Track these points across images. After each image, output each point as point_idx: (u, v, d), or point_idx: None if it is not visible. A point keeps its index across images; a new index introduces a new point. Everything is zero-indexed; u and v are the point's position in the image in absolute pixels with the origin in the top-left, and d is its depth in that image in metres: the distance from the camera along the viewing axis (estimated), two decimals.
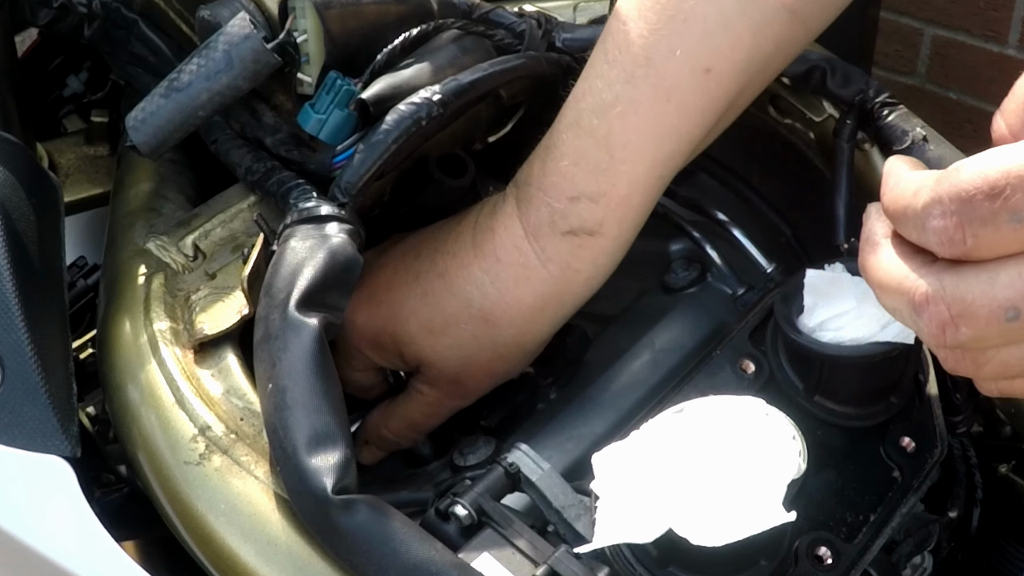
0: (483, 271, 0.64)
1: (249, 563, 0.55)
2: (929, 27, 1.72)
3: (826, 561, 0.57)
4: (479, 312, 0.64)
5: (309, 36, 0.66)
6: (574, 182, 0.62)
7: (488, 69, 0.66)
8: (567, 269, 0.63)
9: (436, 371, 0.67)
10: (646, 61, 0.60)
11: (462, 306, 0.64)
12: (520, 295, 0.64)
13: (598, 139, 0.61)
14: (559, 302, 0.65)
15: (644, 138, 0.61)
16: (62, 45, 0.91)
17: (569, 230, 0.62)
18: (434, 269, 0.65)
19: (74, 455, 0.59)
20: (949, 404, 0.68)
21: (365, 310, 0.66)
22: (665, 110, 0.61)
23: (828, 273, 0.64)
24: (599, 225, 0.62)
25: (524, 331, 0.65)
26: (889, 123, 0.71)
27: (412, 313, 0.65)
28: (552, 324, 0.66)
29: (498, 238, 0.64)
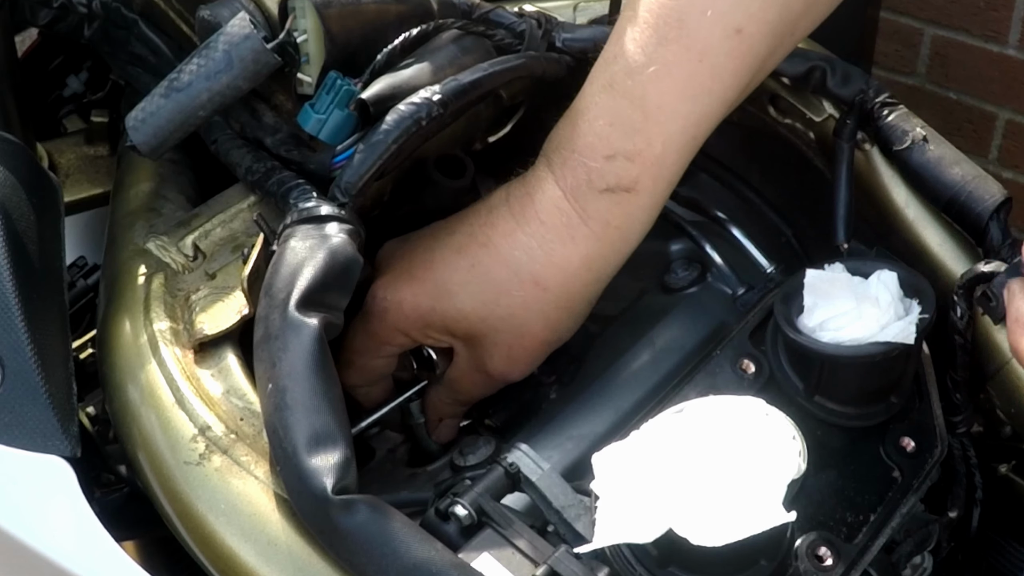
0: (528, 235, 0.64)
1: (249, 563, 0.55)
2: (929, 27, 1.72)
3: (826, 561, 0.57)
4: (529, 276, 0.64)
5: (309, 36, 0.66)
6: (610, 141, 0.63)
7: (488, 69, 0.66)
8: (608, 226, 0.64)
9: (488, 344, 0.67)
10: (678, 23, 0.61)
11: (511, 273, 0.65)
12: (567, 254, 0.64)
13: (633, 100, 0.62)
14: (603, 260, 0.65)
15: (678, 99, 0.62)
16: (62, 45, 0.91)
17: (607, 187, 0.63)
18: (475, 241, 0.65)
19: (74, 455, 0.59)
20: (949, 404, 0.68)
21: (408, 290, 0.66)
22: (698, 71, 0.62)
23: (828, 273, 0.64)
24: (635, 182, 0.63)
25: (573, 292, 0.66)
26: (889, 123, 0.71)
27: (461, 286, 0.65)
28: (597, 284, 0.66)
29: (537, 203, 0.64)
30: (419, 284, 0.66)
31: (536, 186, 0.65)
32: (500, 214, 0.65)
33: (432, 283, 0.66)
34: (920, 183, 0.71)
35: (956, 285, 0.67)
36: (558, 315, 0.66)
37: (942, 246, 0.70)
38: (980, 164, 0.72)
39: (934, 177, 0.70)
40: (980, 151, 1.75)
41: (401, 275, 0.66)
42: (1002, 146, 1.74)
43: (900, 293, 0.63)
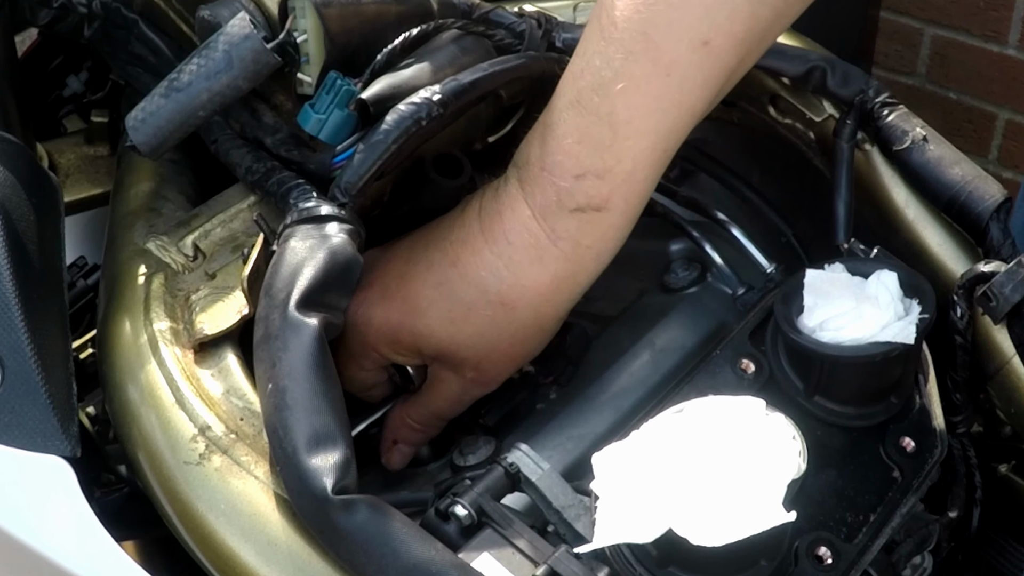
0: (495, 255, 0.64)
1: (249, 563, 0.55)
2: (929, 27, 1.72)
3: (826, 561, 0.57)
4: (496, 297, 0.64)
5: (309, 36, 0.66)
6: (579, 160, 0.62)
7: (488, 69, 0.66)
8: (578, 246, 0.63)
9: (458, 361, 0.66)
10: (644, 37, 0.60)
11: (479, 293, 0.64)
12: (535, 276, 0.64)
13: (600, 117, 0.61)
14: (573, 280, 0.65)
15: (646, 114, 0.61)
16: (62, 45, 0.91)
17: (576, 207, 0.62)
18: (446, 259, 0.65)
19: (74, 455, 0.59)
20: (949, 404, 0.68)
21: (380, 306, 0.65)
22: (666, 85, 0.61)
23: (828, 273, 0.64)
24: (606, 201, 0.62)
25: (542, 312, 0.65)
26: (889, 123, 0.72)
27: (430, 304, 0.65)
28: (568, 303, 0.66)
29: (507, 221, 0.64)
30: (390, 301, 0.65)
31: (506, 203, 0.64)
32: (471, 231, 0.65)
33: (402, 300, 0.65)
34: (920, 183, 0.71)
35: (956, 285, 0.67)
36: (526, 333, 0.66)
37: (942, 246, 0.70)
38: (980, 164, 0.72)
39: (934, 177, 0.70)
40: (980, 151, 1.75)
41: (375, 290, 0.66)
42: (1002, 146, 1.74)
43: (900, 293, 0.63)
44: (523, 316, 0.65)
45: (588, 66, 0.61)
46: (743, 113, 0.79)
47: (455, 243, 0.65)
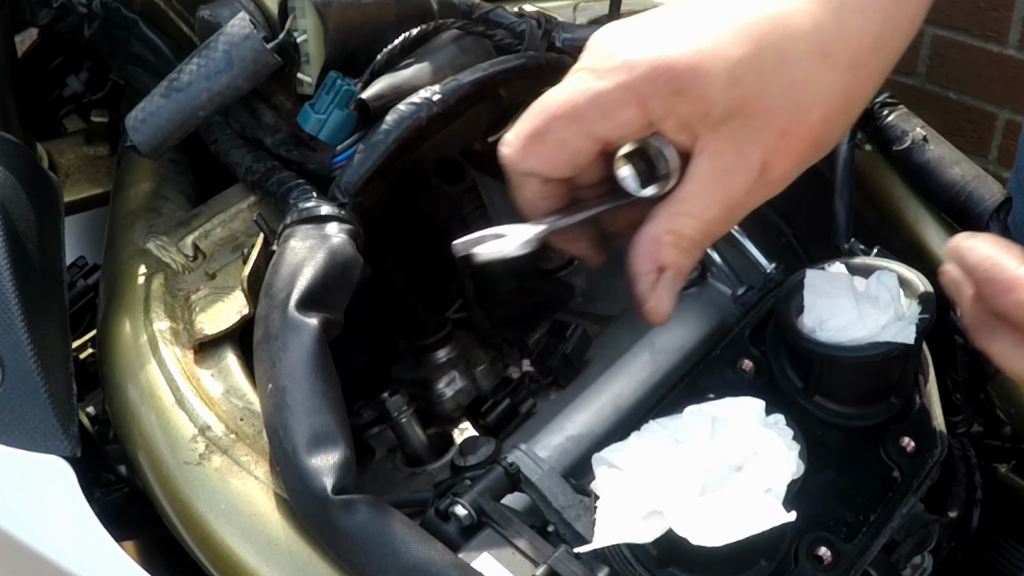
0: (818, 3, 0.55)
1: (249, 563, 0.55)
2: (929, 27, 1.72)
3: (826, 561, 0.57)
4: (818, 47, 0.55)
5: (309, 36, 0.66)
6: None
7: (488, 69, 0.66)
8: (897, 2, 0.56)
9: (758, 125, 0.55)
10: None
11: (796, 39, 0.54)
12: (861, 28, 0.55)
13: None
14: (889, 49, 0.57)
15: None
16: (62, 45, 0.91)
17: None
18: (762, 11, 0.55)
19: (74, 455, 0.59)
20: (949, 404, 0.68)
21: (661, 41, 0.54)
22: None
23: (828, 273, 0.64)
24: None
25: (860, 77, 0.56)
26: (889, 123, 0.72)
27: (732, 46, 0.53)
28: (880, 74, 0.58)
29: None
30: (677, 37, 0.54)
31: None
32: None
33: (696, 38, 0.54)
34: (920, 183, 0.71)
35: None
36: (841, 102, 0.56)
37: (942, 246, 0.70)
38: (980, 164, 0.72)
39: (934, 177, 0.70)
40: (980, 151, 1.75)
41: (647, 27, 0.55)
42: (1002, 146, 1.74)
43: (900, 293, 0.63)
44: (841, 75, 0.55)
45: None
46: None
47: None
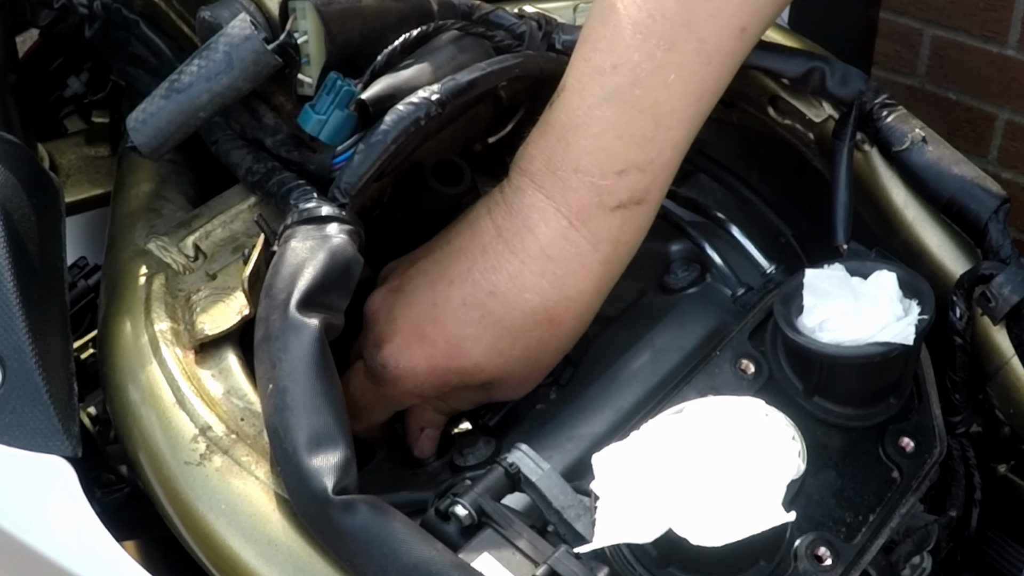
0: (537, 275, 0.62)
1: (249, 563, 0.55)
2: (929, 27, 1.72)
3: (825, 561, 0.57)
4: (544, 316, 0.63)
5: (310, 37, 0.66)
6: (622, 155, 0.61)
7: (486, 68, 0.66)
8: (617, 244, 0.63)
9: (503, 382, 0.66)
10: (687, 27, 0.60)
11: (526, 316, 0.63)
12: (581, 287, 0.63)
13: (643, 110, 0.61)
14: (612, 279, 0.65)
15: (688, 103, 0.62)
16: (63, 46, 0.91)
17: (618, 204, 0.62)
18: (480, 290, 0.63)
19: (75, 455, 0.59)
20: (948, 404, 0.68)
21: (420, 353, 0.64)
22: (707, 73, 0.62)
23: (828, 273, 0.65)
24: (646, 193, 0.63)
25: (585, 319, 0.65)
26: (888, 124, 0.72)
27: (475, 341, 0.63)
28: (602, 300, 0.66)
29: (542, 237, 0.62)
30: (431, 345, 0.64)
31: (533, 217, 0.62)
32: (499, 254, 0.63)
33: (444, 342, 0.64)
34: (919, 184, 0.71)
35: (955, 286, 0.67)
36: (570, 340, 0.66)
37: (941, 247, 0.71)
38: (979, 164, 0.72)
39: (933, 178, 0.70)
40: (979, 151, 1.75)
41: (409, 339, 0.64)
42: (1001, 146, 1.74)
43: (899, 294, 0.64)
44: (568, 327, 0.64)
45: (623, 61, 0.61)
46: (743, 114, 0.79)
47: (486, 271, 0.63)
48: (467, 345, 0.64)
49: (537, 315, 0.63)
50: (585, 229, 0.62)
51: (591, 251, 0.63)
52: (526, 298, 0.63)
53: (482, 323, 0.63)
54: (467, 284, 0.64)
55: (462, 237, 0.65)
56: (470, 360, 0.64)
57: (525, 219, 0.63)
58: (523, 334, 0.63)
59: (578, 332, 0.66)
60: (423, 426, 0.70)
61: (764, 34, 0.67)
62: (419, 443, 0.70)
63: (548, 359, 0.66)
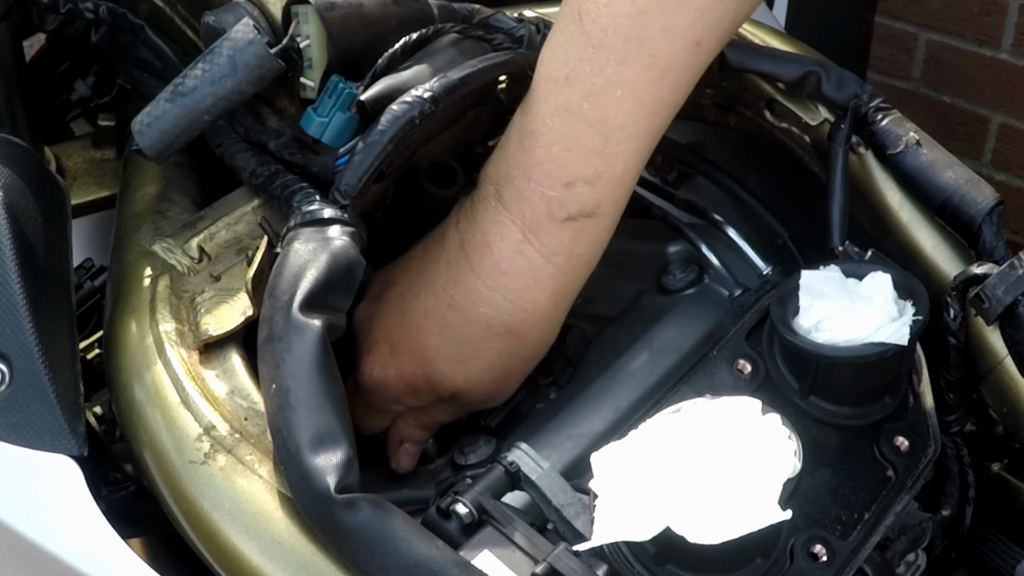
0: (492, 289, 0.63)
1: (253, 561, 0.56)
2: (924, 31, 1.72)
3: (821, 559, 0.58)
4: (501, 328, 0.64)
5: (312, 41, 0.66)
6: (568, 168, 0.61)
7: (477, 65, 0.66)
8: (571, 256, 0.63)
9: (472, 393, 0.67)
10: (638, 42, 0.59)
11: (482, 329, 0.64)
12: (535, 299, 0.63)
13: (591, 123, 0.60)
14: (569, 290, 0.65)
15: (639, 118, 0.61)
16: (69, 50, 0.91)
17: (568, 216, 0.61)
18: (440, 303, 0.65)
19: (81, 454, 0.60)
20: (943, 404, 0.69)
21: (392, 365, 0.66)
22: (660, 87, 0.61)
23: (823, 274, 0.65)
24: (597, 206, 0.62)
25: (546, 329, 0.66)
26: (883, 127, 0.72)
27: (436, 352, 0.65)
28: (566, 310, 0.66)
29: (496, 251, 0.63)
30: (400, 357, 0.66)
31: (492, 231, 0.63)
32: (460, 268, 0.64)
33: (411, 353, 0.65)
34: (914, 186, 0.71)
35: (949, 287, 0.68)
36: (534, 352, 0.67)
37: (936, 248, 0.71)
38: (974, 167, 0.73)
39: (927, 180, 0.71)
40: (974, 154, 1.75)
41: (383, 350, 0.66)
42: (995, 149, 1.75)
43: (894, 295, 0.64)
44: (528, 339, 0.65)
45: (576, 73, 0.60)
46: (740, 117, 0.80)
47: (447, 285, 0.64)
48: (430, 355, 0.65)
49: (494, 328, 0.64)
50: (537, 241, 0.62)
51: (544, 264, 0.62)
52: (482, 312, 0.63)
53: (443, 335, 0.64)
54: (430, 296, 0.65)
55: (433, 248, 0.67)
56: (435, 370, 0.65)
57: (485, 233, 0.63)
58: (482, 346, 0.64)
59: (543, 342, 0.66)
60: (401, 439, 0.71)
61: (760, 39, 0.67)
62: (396, 456, 0.71)
63: (515, 369, 0.67)
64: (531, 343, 0.66)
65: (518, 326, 0.64)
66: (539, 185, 0.62)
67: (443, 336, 0.65)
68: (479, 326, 0.64)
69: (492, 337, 0.64)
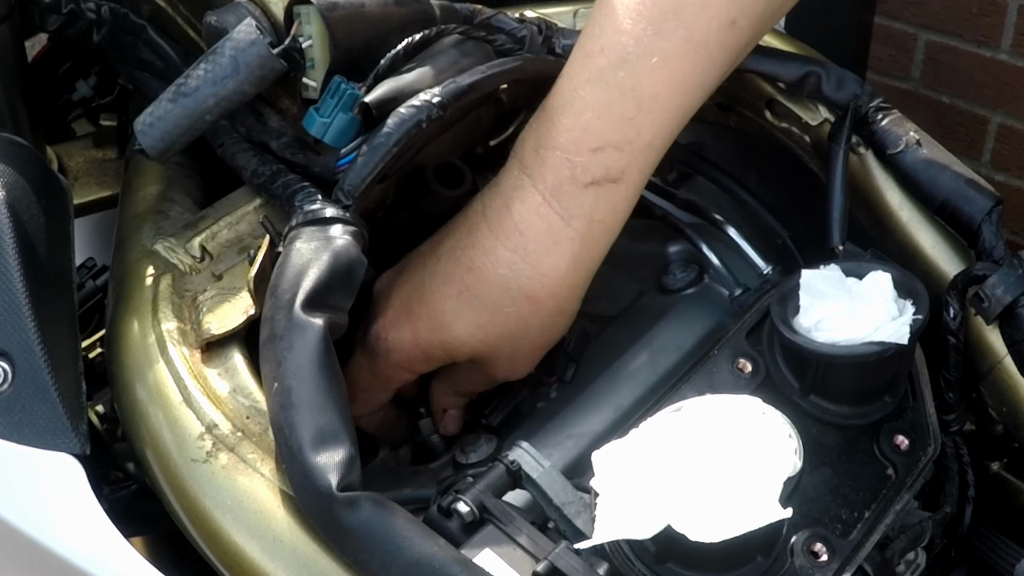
0: (510, 250, 0.63)
1: (255, 559, 0.56)
2: (923, 32, 1.72)
3: (821, 557, 0.58)
4: (519, 292, 0.64)
5: (314, 41, 0.66)
6: (599, 133, 0.62)
7: (486, 71, 0.67)
8: (591, 222, 0.63)
9: (491, 359, 0.67)
10: (675, 15, 0.61)
11: (501, 292, 0.64)
12: (553, 262, 0.63)
13: (624, 91, 0.62)
14: (589, 257, 0.65)
15: (671, 89, 0.62)
16: (71, 50, 0.91)
17: (592, 181, 0.62)
18: (460, 266, 0.65)
19: (83, 453, 0.60)
20: (942, 403, 0.69)
21: (407, 328, 0.66)
22: (693, 62, 0.62)
23: (824, 273, 0.65)
24: (622, 172, 0.63)
25: (564, 296, 0.65)
26: (883, 127, 0.72)
27: (455, 316, 0.65)
28: (587, 280, 0.66)
29: (515, 213, 0.63)
30: (416, 320, 0.66)
31: (512, 195, 0.64)
32: (480, 232, 0.64)
33: (427, 317, 0.65)
34: (913, 186, 0.72)
35: (949, 286, 0.68)
36: (552, 321, 0.66)
37: (935, 248, 0.71)
38: (973, 167, 0.73)
39: (927, 180, 0.71)
40: (973, 154, 1.75)
41: (400, 313, 0.66)
42: (994, 149, 1.75)
43: (894, 294, 0.64)
44: (547, 305, 0.65)
45: (611, 44, 0.62)
46: (740, 117, 0.80)
47: (467, 248, 0.65)
48: (448, 319, 0.65)
49: (512, 291, 0.64)
50: (558, 204, 0.63)
51: (563, 227, 0.63)
52: (500, 273, 0.64)
53: (461, 298, 0.64)
54: (450, 261, 0.65)
55: (457, 219, 0.67)
56: (452, 335, 0.65)
57: (506, 198, 0.64)
58: (500, 310, 0.64)
59: (562, 312, 0.66)
60: (444, 407, 0.71)
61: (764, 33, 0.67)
62: (444, 423, 0.71)
63: (533, 338, 0.66)
64: (549, 310, 0.65)
65: (536, 290, 0.64)
66: (564, 152, 0.62)
67: (461, 300, 0.64)
68: (497, 289, 0.64)
69: (510, 301, 0.64)
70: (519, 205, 0.63)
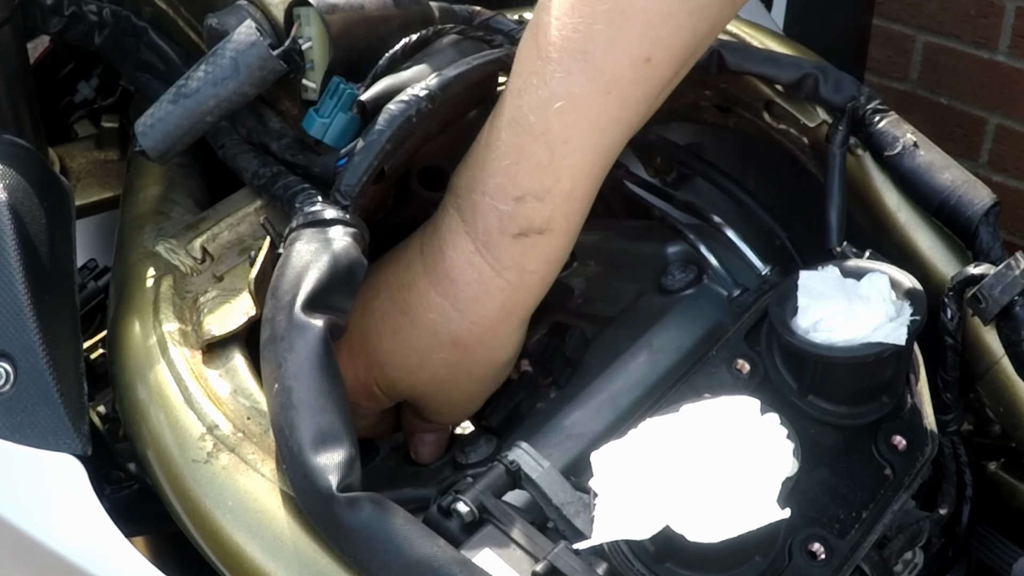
0: (441, 296, 0.63)
1: (255, 559, 0.56)
2: (921, 34, 1.73)
3: (819, 557, 0.58)
4: (448, 338, 0.63)
5: (314, 43, 0.66)
6: (517, 181, 0.60)
7: (472, 62, 0.66)
8: (523, 272, 0.62)
9: (423, 404, 0.67)
10: (583, 55, 0.58)
11: (430, 337, 0.64)
12: (483, 311, 0.63)
13: (536, 136, 0.59)
14: (521, 307, 0.64)
15: (585, 132, 0.60)
16: (73, 52, 0.91)
17: (519, 232, 0.61)
18: (395, 306, 0.64)
19: (85, 453, 0.60)
20: (940, 403, 0.69)
21: (351, 365, 0.65)
22: (606, 103, 0.59)
23: (822, 274, 0.65)
24: (548, 222, 0.61)
25: (494, 346, 0.65)
26: (880, 129, 0.73)
27: (388, 356, 0.65)
28: (519, 330, 0.65)
29: (448, 258, 0.62)
30: (356, 358, 0.66)
31: (447, 239, 0.62)
32: (415, 272, 0.64)
33: (365, 355, 0.65)
34: (911, 187, 0.72)
35: (946, 287, 0.68)
36: (483, 370, 0.66)
37: (933, 249, 0.71)
38: (970, 168, 0.73)
39: (924, 182, 0.71)
40: (971, 155, 1.76)
41: (343, 351, 0.65)
42: (992, 150, 1.76)
43: (892, 295, 0.64)
44: (476, 354, 0.64)
45: (526, 85, 0.60)
46: (738, 119, 0.80)
47: (403, 288, 0.64)
48: (382, 358, 0.65)
49: (440, 336, 0.63)
50: (489, 255, 0.62)
51: (494, 277, 0.62)
52: (431, 318, 0.63)
53: (394, 339, 0.64)
54: (387, 299, 0.65)
55: (398, 252, 0.67)
56: (384, 373, 0.65)
57: (441, 239, 0.63)
58: (428, 355, 0.64)
59: (493, 360, 0.65)
60: (415, 430, 0.71)
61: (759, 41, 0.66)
62: (413, 447, 0.71)
63: (463, 386, 0.65)
64: (479, 358, 0.64)
65: (465, 338, 0.63)
66: (492, 199, 0.61)
67: (394, 340, 0.64)
68: (427, 333, 0.63)
69: (439, 346, 0.63)
70: (452, 252, 0.62)
